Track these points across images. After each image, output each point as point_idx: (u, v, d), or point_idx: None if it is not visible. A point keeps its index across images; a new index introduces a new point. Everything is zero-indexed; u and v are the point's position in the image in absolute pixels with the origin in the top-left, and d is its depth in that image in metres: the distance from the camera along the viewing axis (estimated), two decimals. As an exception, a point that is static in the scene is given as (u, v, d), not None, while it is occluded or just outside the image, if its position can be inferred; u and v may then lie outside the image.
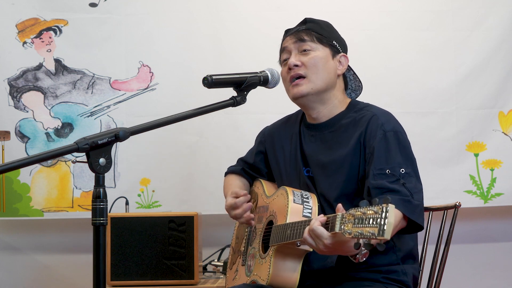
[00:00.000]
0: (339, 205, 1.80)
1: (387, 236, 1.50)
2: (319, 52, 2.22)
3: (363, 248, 1.73)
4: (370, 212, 1.56)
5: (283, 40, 2.33)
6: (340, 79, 2.28)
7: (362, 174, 2.12)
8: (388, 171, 2.03)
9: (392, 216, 1.52)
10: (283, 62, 2.30)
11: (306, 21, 2.30)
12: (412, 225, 2.01)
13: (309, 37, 2.23)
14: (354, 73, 2.33)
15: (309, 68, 2.20)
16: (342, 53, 2.27)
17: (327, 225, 1.80)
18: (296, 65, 2.21)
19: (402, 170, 2.04)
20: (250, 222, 2.30)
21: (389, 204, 1.52)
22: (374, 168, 2.05)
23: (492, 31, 3.33)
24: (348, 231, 1.63)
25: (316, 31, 2.24)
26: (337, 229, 1.72)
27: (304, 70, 2.21)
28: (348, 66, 2.31)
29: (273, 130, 2.47)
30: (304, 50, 2.22)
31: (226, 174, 2.60)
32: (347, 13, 3.35)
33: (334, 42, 2.25)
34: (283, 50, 2.30)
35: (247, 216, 2.29)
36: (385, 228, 1.51)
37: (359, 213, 1.61)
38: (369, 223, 1.55)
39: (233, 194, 2.33)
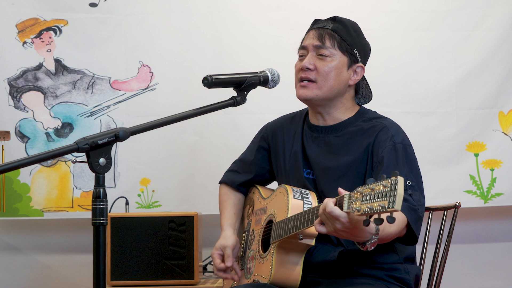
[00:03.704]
0: (340, 189, 1.78)
1: (398, 207, 1.48)
2: (335, 61, 2.19)
3: (374, 236, 1.72)
4: (379, 187, 1.54)
5: (308, 30, 2.27)
6: (352, 88, 2.26)
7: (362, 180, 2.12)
8: None
9: (401, 188, 1.50)
10: (299, 56, 2.26)
11: (335, 20, 2.25)
12: (408, 236, 2.02)
13: (331, 41, 2.19)
14: (367, 83, 2.30)
15: (321, 74, 2.18)
16: (359, 64, 2.23)
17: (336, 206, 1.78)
18: (309, 69, 2.19)
19: (408, 182, 2.05)
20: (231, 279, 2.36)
21: (398, 177, 1.50)
22: None
23: (492, 31, 3.33)
24: (357, 208, 1.61)
25: (341, 35, 2.20)
26: (345, 208, 1.69)
27: (315, 76, 2.19)
28: (363, 76, 2.28)
29: (275, 126, 2.45)
30: (322, 55, 2.19)
31: (221, 182, 2.57)
32: (347, 13, 3.30)
33: (355, 50, 2.22)
34: (302, 46, 2.26)
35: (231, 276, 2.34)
36: (395, 199, 1.48)
37: (367, 189, 1.59)
38: (378, 197, 1.54)
39: (220, 251, 2.35)
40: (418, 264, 2.34)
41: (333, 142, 2.23)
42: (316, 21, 2.29)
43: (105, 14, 3.37)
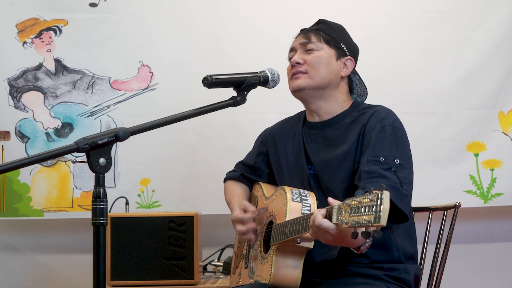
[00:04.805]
0: (330, 199, 1.81)
1: (383, 222, 1.51)
2: (323, 52, 2.26)
3: (367, 240, 1.74)
4: (366, 200, 1.58)
5: (294, 38, 2.37)
6: (344, 81, 2.31)
7: (357, 166, 2.14)
8: (382, 159, 2.05)
9: (387, 203, 1.52)
10: (289, 60, 2.33)
11: (319, 22, 2.35)
12: (397, 214, 2.01)
13: (316, 37, 2.28)
14: (360, 77, 2.34)
15: (310, 65, 2.25)
16: (348, 57, 2.29)
17: (325, 217, 1.81)
18: (298, 63, 2.26)
19: (396, 161, 2.06)
20: (250, 241, 2.31)
21: (384, 191, 1.53)
22: (369, 155, 2.08)
23: (492, 31, 3.33)
24: (345, 221, 1.64)
25: (325, 32, 2.28)
26: (334, 220, 1.73)
27: (305, 67, 2.25)
28: (355, 70, 2.33)
29: (274, 131, 2.48)
30: (309, 50, 2.26)
31: (225, 180, 2.61)
32: (347, 12, 3.35)
33: (341, 44, 2.29)
34: (291, 49, 2.34)
35: (249, 236, 2.28)
36: (380, 214, 1.51)
37: (355, 202, 1.62)
38: (365, 211, 1.57)
39: (242, 206, 2.31)
40: (418, 263, 2.34)
41: (330, 136, 2.25)
42: (302, 29, 2.38)
43: (105, 14, 3.37)
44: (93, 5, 3.38)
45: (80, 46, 3.37)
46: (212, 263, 3.18)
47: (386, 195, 1.53)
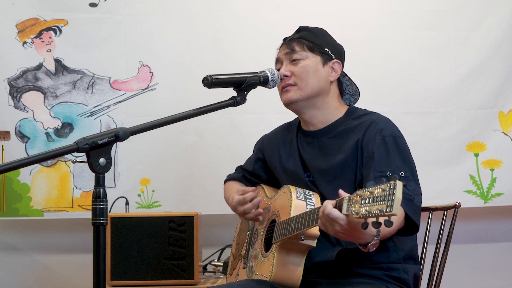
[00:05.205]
0: (341, 191, 1.79)
1: (395, 211, 1.49)
2: (308, 60, 2.25)
3: (375, 237, 1.73)
4: (378, 190, 1.55)
5: (278, 49, 2.36)
6: (334, 85, 2.30)
7: (360, 178, 2.13)
8: (389, 174, 2.03)
9: (400, 192, 1.50)
10: (277, 71, 2.31)
11: (300, 30, 2.34)
12: (408, 226, 2.01)
13: (300, 46, 2.26)
14: (349, 78, 2.33)
15: (298, 76, 2.24)
16: (335, 60, 2.28)
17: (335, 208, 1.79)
18: (286, 75, 2.24)
19: (402, 174, 2.05)
20: (258, 217, 2.30)
21: (397, 181, 1.51)
22: (375, 170, 2.05)
23: (492, 31, 3.33)
24: (356, 211, 1.62)
25: (308, 39, 2.27)
26: (344, 211, 1.70)
27: (293, 79, 2.24)
28: (343, 72, 2.32)
29: (271, 137, 2.49)
30: (295, 60, 2.25)
31: (225, 181, 2.61)
32: (347, 13, 3.36)
33: (326, 49, 2.27)
34: (277, 60, 2.33)
35: (255, 211, 2.29)
36: (393, 203, 1.49)
37: (366, 193, 1.60)
38: (376, 201, 1.54)
39: (240, 191, 2.34)
40: (418, 264, 2.33)
41: (326, 144, 2.25)
42: (284, 39, 2.36)
43: (105, 14, 3.37)
44: (93, 5, 3.38)
45: (80, 46, 3.37)
46: (212, 263, 3.18)
47: (399, 184, 1.51)
